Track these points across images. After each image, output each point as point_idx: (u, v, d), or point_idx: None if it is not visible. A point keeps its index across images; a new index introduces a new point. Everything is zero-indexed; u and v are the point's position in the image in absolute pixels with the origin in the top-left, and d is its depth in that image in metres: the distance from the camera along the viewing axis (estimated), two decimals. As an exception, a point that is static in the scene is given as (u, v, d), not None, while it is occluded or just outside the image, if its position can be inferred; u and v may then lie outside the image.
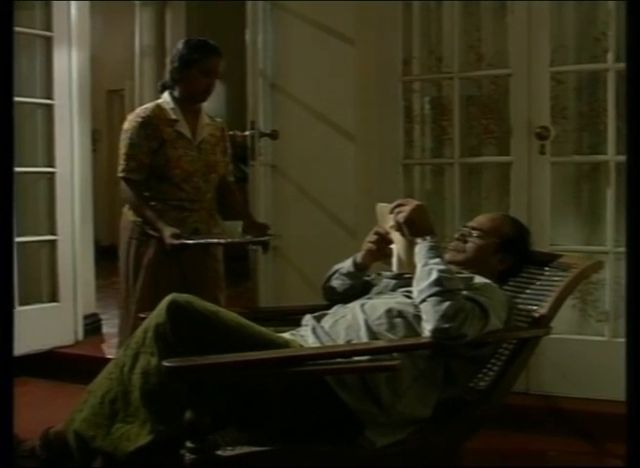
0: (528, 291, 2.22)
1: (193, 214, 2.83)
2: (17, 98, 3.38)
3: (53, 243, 3.82)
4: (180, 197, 2.81)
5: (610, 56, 2.93)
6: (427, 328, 1.85)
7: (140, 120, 2.79)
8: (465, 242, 2.25)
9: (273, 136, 3.35)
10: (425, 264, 1.93)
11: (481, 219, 2.32)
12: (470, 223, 2.32)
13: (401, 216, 2.01)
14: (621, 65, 2.84)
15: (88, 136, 4.11)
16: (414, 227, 2.00)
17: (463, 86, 3.23)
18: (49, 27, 3.74)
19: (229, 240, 2.77)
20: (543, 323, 2.07)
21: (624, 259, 2.74)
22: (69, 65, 3.84)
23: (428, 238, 1.99)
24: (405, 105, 3.34)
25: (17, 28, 3.45)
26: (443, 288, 1.85)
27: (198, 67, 2.78)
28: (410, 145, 3.37)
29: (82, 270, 3.95)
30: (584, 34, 3.09)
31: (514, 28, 3.08)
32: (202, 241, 2.70)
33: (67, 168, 3.83)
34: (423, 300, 1.87)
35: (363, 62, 3.27)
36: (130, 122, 2.81)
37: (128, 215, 2.87)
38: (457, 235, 2.29)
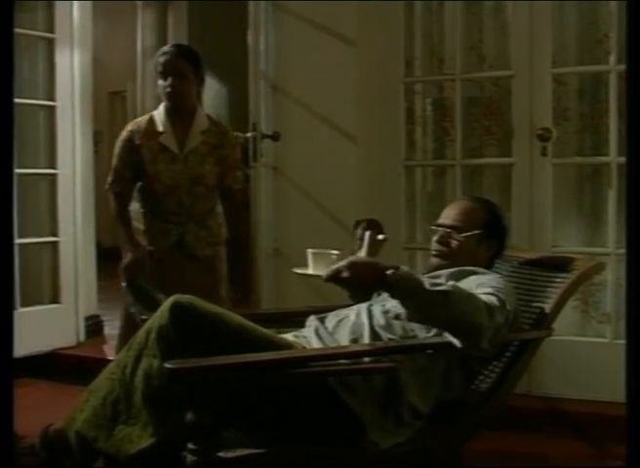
0: (530, 292, 2.21)
1: (178, 226, 2.82)
2: (19, 100, 3.39)
3: (54, 244, 3.82)
4: (163, 210, 2.82)
5: (612, 57, 2.93)
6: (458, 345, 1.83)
7: (125, 134, 2.84)
8: (447, 243, 2.18)
9: (275, 137, 3.35)
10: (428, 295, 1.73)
11: (453, 215, 2.21)
12: (444, 221, 2.21)
13: (346, 280, 1.73)
14: (623, 67, 2.84)
15: (90, 138, 4.11)
16: (364, 282, 1.77)
17: (465, 87, 3.23)
18: (51, 29, 3.75)
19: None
20: (545, 324, 2.07)
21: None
22: (71, 67, 3.84)
23: (389, 273, 1.72)
24: (407, 107, 3.34)
25: (19, 30, 3.46)
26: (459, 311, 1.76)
27: (158, 70, 2.78)
28: (411, 147, 3.37)
29: (84, 271, 3.96)
30: (586, 36, 3.09)
31: (516, 30, 3.08)
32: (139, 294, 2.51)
33: (69, 169, 3.84)
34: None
35: (365, 64, 3.27)
36: (121, 134, 2.86)
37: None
38: (436, 237, 2.20)
